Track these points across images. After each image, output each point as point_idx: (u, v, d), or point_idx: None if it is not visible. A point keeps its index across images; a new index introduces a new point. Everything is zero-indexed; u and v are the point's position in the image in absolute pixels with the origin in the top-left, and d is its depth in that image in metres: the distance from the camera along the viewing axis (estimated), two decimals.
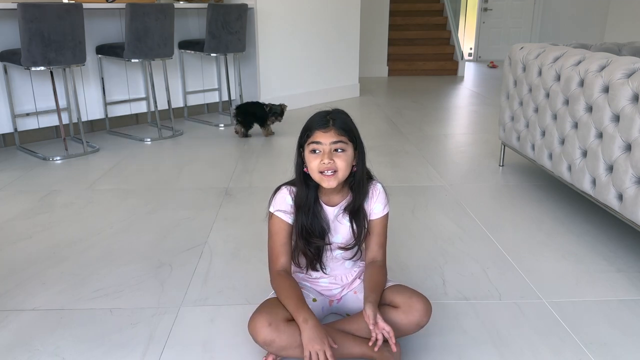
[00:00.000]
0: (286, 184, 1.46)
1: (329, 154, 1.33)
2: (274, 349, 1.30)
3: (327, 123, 1.34)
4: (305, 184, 1.41)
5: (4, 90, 3.38)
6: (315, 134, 1.34)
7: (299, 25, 4.87)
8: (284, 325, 1.29)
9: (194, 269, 1.90)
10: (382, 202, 1.47)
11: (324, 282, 1.52)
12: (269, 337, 1.28)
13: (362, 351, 1.34)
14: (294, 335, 1.29)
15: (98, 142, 3.66)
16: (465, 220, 2.34)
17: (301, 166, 1.40)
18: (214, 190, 2.73)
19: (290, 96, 4.94)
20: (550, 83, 2.43)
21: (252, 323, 1.31)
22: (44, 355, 1.42)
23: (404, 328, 1.36)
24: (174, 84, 4.32)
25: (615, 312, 1.63)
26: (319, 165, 1.33)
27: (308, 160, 1.36)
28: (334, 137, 1.33)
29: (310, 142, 1.35)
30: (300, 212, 1.41)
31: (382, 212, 1.47)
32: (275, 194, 1.45)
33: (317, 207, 1.43)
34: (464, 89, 6.30)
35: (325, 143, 1.33)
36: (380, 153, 3.41)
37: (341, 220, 1.45)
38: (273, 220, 1.43)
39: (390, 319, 1.35)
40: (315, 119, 1.36)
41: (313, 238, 1.42)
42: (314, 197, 1.42)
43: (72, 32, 3.16)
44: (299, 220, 1.41)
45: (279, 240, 1.43)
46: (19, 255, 2.01)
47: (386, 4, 7.22)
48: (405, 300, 1.37)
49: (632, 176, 1.84)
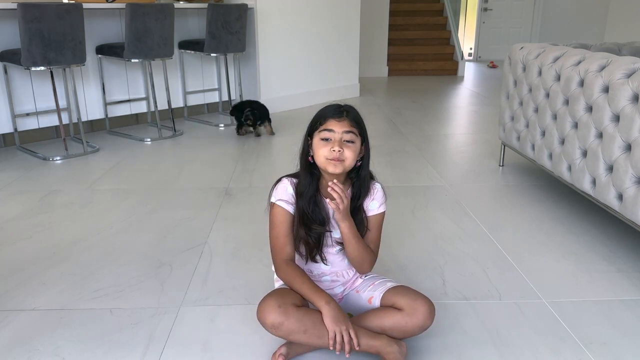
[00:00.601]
0: (287, 176, 1.47)
1: (339, 142, 1.35)
2: (281, 332, 1.30)
3: (341, 113, 1.37)
4: (309, 172, 1.43)
5: (4, 90, 3.38)
6: (328, 122, 1.36)
7: (299, 25, 4.87)
8: (293, 309, 1.30)
9: (194, 269, 1.90)
10: (379, 200, 1.48)
11: (326, 280, 1.52)
12: (277, 320, 1.28)
13: (369, 343, 1.34)
14: (302, 320, 1.29)
15: (98, 142, 3.66)
16: (465, 220, 2.34)
17: (307, 154, 1.42)
18: (214, 190, 2.73)
19: (290, 96, 4.94)
20: (550, 83, 2.43)
21: (261, 306, 1.31)
22: (44, 355, 1.42)
23: (408, 330, 1.37)
24: (174, 84, 4.32)
25: (615, 312, 1.63)
26: (329, 153, 1.35)
27: (316, 147, 1.38)
28: (347, 127, 1.36)
29: (322, 129, 1.37)
30: (302, 198, 1.42)
31: (377, 209, 1.48)
32: (276, 185, 1.46)
33: (319, 197, 1.44)
34: (464, 89, 6.30)
35: (337, 131, 1.35)
36: (380, 153, 3.40)
37: None
38: (275, 211, 1.44)
39: (394, 320, 1.36)
40: (329, 109, 1.39)
41: (313, 225, 1.42)
42: (316, 188, 1.43)
43: (72, 32, 3.16)
44: (300, 205, 1.42)
45: (283, 230, 1.43)
46: (19, 255, 2.01)
47: (386, 4, 7.22)
48: (410, 302, 1.37)
49: (632, 176, 1.84)
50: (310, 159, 1.41)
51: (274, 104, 4.76)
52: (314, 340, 1.31)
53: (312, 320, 1.30)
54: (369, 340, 1.34)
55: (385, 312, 1.40)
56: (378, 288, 1.47)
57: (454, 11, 8.19)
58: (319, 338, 1.31)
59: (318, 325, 1.30)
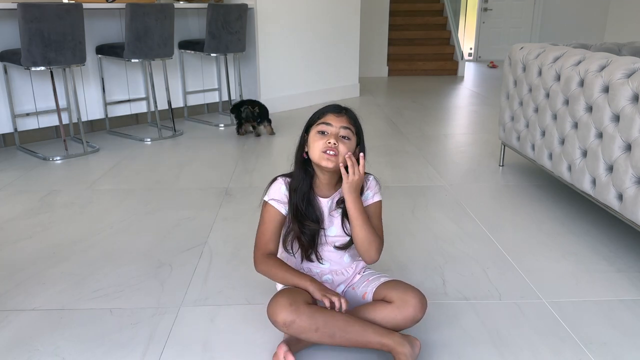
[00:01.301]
0: (282, 175, 1.49)
1: (336, 135, 1.37)
2: (293, 330, 1.29)
3: (340, 110, 1.42)
4: (303, 169, 1.44)
5: (4, 90, 3.38)
6: (327, 116, 1.40)
7: (299, 25, 4.87)
8: (305, 307, 1.29)
9: (194, 269, 1.90)
10: (372, 189, 1.49)
11: (328, 280, 1.51)
12: (289, 318, 1.27)
13: (381, 342, 1.33)
14: (314, 318, 1.28)
15: (98, 142, 3.66)
16: (465, 220, 2.34)
17: (302, 150, 1.44)
18: (214, 190, 2.73)
19: (290, 96, 4.94)
20: (550, 83, 2.43)
21: (272, 304, 1.31)
22: (44, 355, 1.42)
23: (399, 323, 1.37)
24: (174, 84, 4.32)
25: (615, 312, 1.63)
26: (324, 145, 1.36)
27: (312, 141, 1.40)
28: (344, 123, 1.39)
29: (320, 122, 1.40)
30: (295, 194, 1.43)
31: (372, 198, 1.48)
32: (271, 184, 1.49)
33: (312, 195, 1.45)
34: (464, 89, 6.30)
35: (335, 125, 1.38)
36: (380, 153, 3.40)
37: (334, 214, 1.47)
38: (266, 209, 1.46)
39: (384, 314, 1.36)
40: (328, 107, 1.44)
41: (307, 221, 1.43)
42: (309, 185, 1.44)
43: (72, 32, 3.16)
44: (293, 201, 1.43)
45: (270, 228, 1.45)
46: (19, 255, 2.01)
47: (386, 4, 7.22)
48: (400, 295, 1.38)
49: (632, 176, 1.84)
50: (305, 154, 1.43)
51: (274, 104, 4.76)
52: (325, 338, 1.30)
53: (324, 318, 1.30)
54: (381, 338, 1.33)
55: (375, 305, 1.40)
56: (371, 283, 1.48)
57: (454, 11, 8.19)
58: (330, 337, 1.30)
59: (329, 324, 1.29)
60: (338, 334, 1.30)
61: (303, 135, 1.45)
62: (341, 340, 1.31)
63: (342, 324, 1.31)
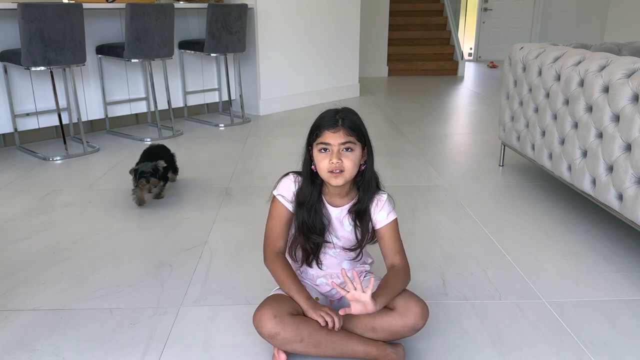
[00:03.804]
0: (295, 173, 1.46)
1: (337, 153, 1.33)
2: (278, 342, 1.30)
3: (336, 123, 1.33)
4: (311, 181, 1.42)
5: (4, 90, 3.38)
6: (324, 135, 1.33)
7: (299, 25, 4.87)
8: (289, 319, 1.30)
9: (194, 269, 1.90)
10: (386, 210, 1.45)
11: (322, 283, 1.51)
12: (274, 330, 1.28)
13: (365, 350, 1.34)
14: (299, 329, 1.29)
15: (98, 142, 3.66)
16: (465, 220, 2.34)
17: (309, 163, 1.40)
18: (214, 190, 2.73)
19: (290, 96, 4.94)
20: (550, 83, 2.43)
21: (257, 316, 1.32)
22: (44, 355, 1.42)
23: (398, 330, 1.36)
24: (174, 84, 4.32)
25: (615, 312, 1.63)
26: (328, 165, 1.33)
27: (317, 159, 1.37)
28: (343, 138, 1.32)
29: (319, 142, 1.35)
30: (302, 209, 1.41)
31: (386, 219, 1.45)
32: (282, 179, 1.47)
33: (320, 205, 1.43)
34: (464, 89, 6.30)
35: (334, 144, 1.33)
36: (380, 153, 3.40)
37: (343, 222, 1.45)
38: (275, 204, 1.45)
39: (384, 320, 1.36)
40: (324, 118, 1.35)
41: (313, 234, 1.42)
42: (318, 195, 1.43)
43: (72, 32, 3.16)
44: (300, 216, 1.42)
45: (279, 224, 1.45)
46: (19, 255, 2.01)
47: (386, 4, 7.22)
48: (402, 302, 1.37)
49: (632, 176, 1.84)
50: (314, 167, 1.39)
51: (274, 104, 4.77)
52: (311, 349, 1.32)
53: (309, 329, 1.31)
54: (366, 346, 1.34)
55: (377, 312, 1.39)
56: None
57: (454, 11, 8.19)
58: (315, 347, 1.31)
59: (314, 334, 1.30)
60: (323, 344, 1.31)
61: (307, 149, 1.41)
62: (326, 349, 1.32)
63: (326, 333, 1.32)
